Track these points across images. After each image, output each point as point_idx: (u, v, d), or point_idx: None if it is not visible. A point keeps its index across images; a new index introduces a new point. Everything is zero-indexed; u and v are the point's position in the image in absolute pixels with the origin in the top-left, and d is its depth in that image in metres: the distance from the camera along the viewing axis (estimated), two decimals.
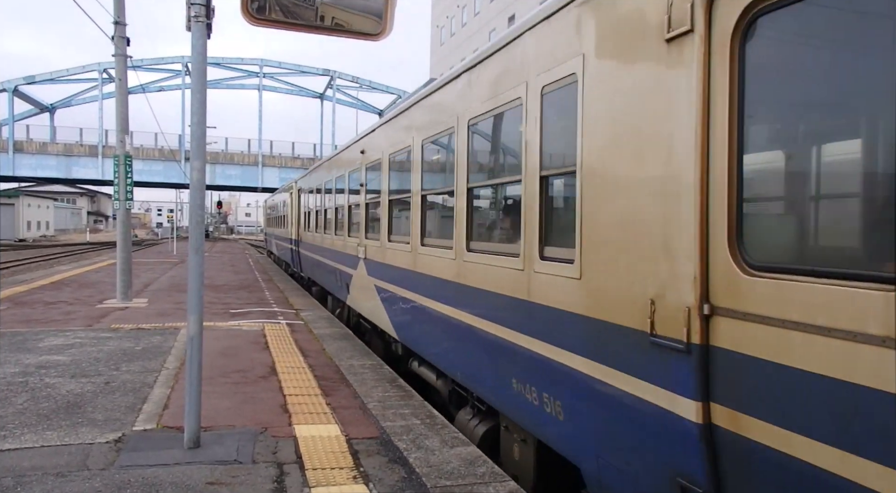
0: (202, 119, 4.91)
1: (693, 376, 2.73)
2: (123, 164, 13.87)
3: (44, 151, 55.72)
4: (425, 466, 4.63)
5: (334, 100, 62.36)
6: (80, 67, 57.40)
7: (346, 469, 4.57)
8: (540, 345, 4.12)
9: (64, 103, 61.00)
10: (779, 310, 2.37)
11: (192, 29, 4.79)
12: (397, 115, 8.04)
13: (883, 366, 2.01)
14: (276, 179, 59.35)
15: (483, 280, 5.05)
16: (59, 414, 5.70)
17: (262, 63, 61.83)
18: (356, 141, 10.87)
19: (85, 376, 7.10)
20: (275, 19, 4.71)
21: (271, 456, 4.80)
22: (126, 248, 14.08)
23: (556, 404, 3.93)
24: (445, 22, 62.61)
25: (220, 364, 7.79)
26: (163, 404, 6.07)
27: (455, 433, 5.41)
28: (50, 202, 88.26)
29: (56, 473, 4.38)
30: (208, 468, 4.51)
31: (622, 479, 3.36)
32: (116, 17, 13.95)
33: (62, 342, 9.01)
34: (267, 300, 14.66)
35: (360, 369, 7.74)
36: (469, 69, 5.50)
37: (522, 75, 4.44)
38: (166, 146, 54.60)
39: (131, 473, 4.41)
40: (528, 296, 4.29)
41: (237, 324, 10.99)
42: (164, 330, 10.23)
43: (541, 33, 4.22)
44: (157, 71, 59.51)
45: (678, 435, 2.84)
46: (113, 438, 5.12)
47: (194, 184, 4.96)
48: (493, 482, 4.37)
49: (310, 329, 10.62)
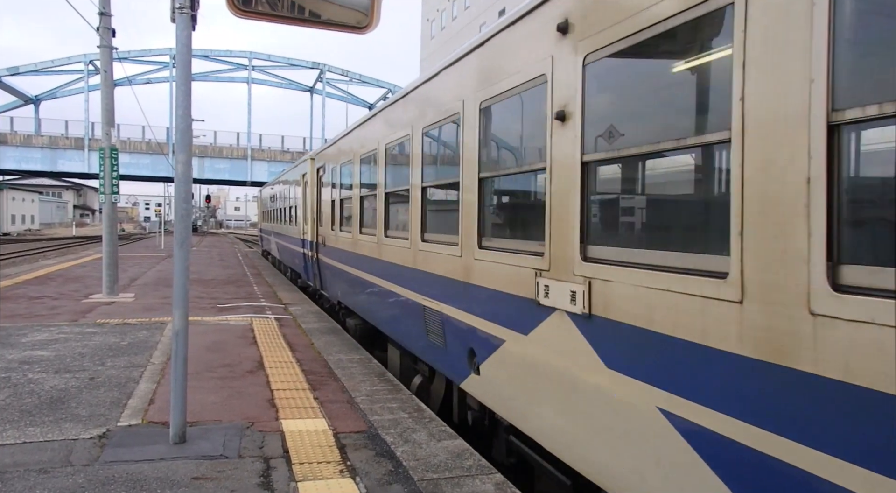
0: (187, 112, 4.86)
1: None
2: (109, 157, 13.74)
3: (28, 143, 55.06)
4: (412, 459, 4.63)
5: (324, 93, 62.01)
6: (66, 59, 56.70)
7: (333, 463, 4.56)
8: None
9: (49, 95, 60.27)
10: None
11: (177, 20, 4.74)
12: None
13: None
14: (265, 173, 58.98)
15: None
16: (42, 410, 5.65)
17: (252, 56, 61.34)
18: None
19: (69, 371, 7.03)
20: (261, 11, 4.67)
21: (258, 451, 4.78)
22: (112, 242, 13.97)
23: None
24: (436, 15, 62.43)
25: (207, 359, 7.75)
26: (148, 400, 6.03)
27: (443, 426, 5.41)
28: (35, 196, 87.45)
29: (39, 469, 4.34)
30: (194, 463, 4.49)
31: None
32: (102, 8, 13.80)
33: (46, 337, 8.92)
34: (255, 295, 14.59)
35: (349, 363, 7.72)
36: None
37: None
38: (154, 139, 54.14)
39: (115, 468, 4.38)
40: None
41: (225, 319, 10.93)
42: (150, 325, 10.16)
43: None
44: (145, 63, 58.91)
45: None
46: (97, 433, 5.08)
47: (179, 177, 4.92)
48: (479, 474, 4.37)
49: (298, 324, 10.59)
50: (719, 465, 2.60)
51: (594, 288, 3.44)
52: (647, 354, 3.03)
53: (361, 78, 62.75)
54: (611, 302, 3.32)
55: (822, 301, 2.18)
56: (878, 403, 1.99)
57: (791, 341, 2.30)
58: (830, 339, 2.16)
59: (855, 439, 2.07)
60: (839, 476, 2.11)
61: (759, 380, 2.42)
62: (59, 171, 58.15)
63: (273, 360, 7.81)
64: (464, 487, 4.16)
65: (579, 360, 3.56)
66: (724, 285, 2.58)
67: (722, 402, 2.58)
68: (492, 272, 4.75)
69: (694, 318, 2.74)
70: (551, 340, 3.87)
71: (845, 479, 2.09)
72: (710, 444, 2.64)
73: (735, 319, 2.53)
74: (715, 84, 2.84)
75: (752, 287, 2.46)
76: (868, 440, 2.04)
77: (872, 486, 2.01)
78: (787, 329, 2.32)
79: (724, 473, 2.57)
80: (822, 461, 2.17)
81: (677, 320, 2.84)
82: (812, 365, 2.21)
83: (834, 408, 2.14)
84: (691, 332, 2.76)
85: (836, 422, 2.13)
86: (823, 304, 2.18)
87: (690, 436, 2.75)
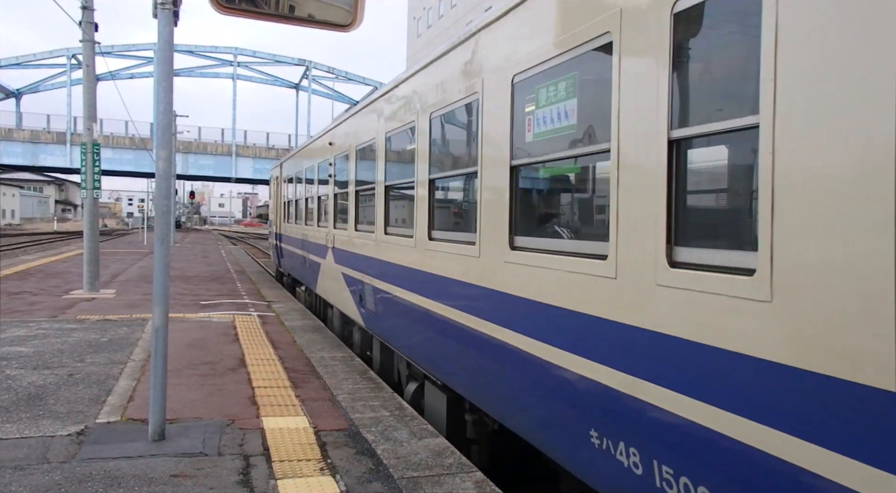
0: (168, 107, 4.84)
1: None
2: (90, 152, 13.60)
3: (9, 137, 54.28)
4: (393, 457, 4.64)
5: (310, 90, 61.76)
6: (48, 53, 56.08)
7: (314, 461, 4.56)
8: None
9: (31, 89, 59.56)
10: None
11: (159, 16, 4.72)
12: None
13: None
14: (250, 169, 58.69)
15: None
16: (19, 407, 5.59)
17: (237, 52, 61.01)
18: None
19: (48, 367, 6.97)
20: (244, 8, 4.65)
21: (238, 448, 4.77)
22: (93, 237, 13.84)
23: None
24: (422, 13, 62.32)
25: (188, 356, 7.71)
26: (128, 397, 5.99)
27: (424, 424, 5.42)
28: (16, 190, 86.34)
29: (14, 466, 4.30)
30: (173, 461, 4.47)
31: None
32: (84, 2, 13.65)
33: (25, 333, 8.83)
34: (238, 292, 14.52)
35: (331, 361, 7.71)
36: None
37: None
38: (137, 135, 53.62)
39: (93, 466, 4.35)
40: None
41: (207, 315, 10.87)
42: (131, 321, 10.08)
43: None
44: (128, 58, 58.42)
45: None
46: (75, 430, 5.04)
47: (160, 173, 4.90)
48: (460, 472, 4.39)
49: (281, 321, 10.55)
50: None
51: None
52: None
53: (347, 75, 62.59)
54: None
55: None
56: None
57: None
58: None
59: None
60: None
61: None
62: (41, 165, 57.43)
63: (255, 357, 7.79)
64: (444, 485, 4.18)
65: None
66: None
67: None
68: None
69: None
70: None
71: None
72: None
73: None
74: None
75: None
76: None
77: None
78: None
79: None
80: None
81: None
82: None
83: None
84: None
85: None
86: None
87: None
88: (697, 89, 2.92)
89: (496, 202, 4.45)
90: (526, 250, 4.08)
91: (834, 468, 2.07)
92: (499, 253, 4.38)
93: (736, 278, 2.49)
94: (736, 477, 2.47)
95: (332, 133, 10.62)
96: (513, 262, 4.20)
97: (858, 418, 2.03)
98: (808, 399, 2.19)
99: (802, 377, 2.19)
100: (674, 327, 2.78)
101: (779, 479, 2.27)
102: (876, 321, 1.97)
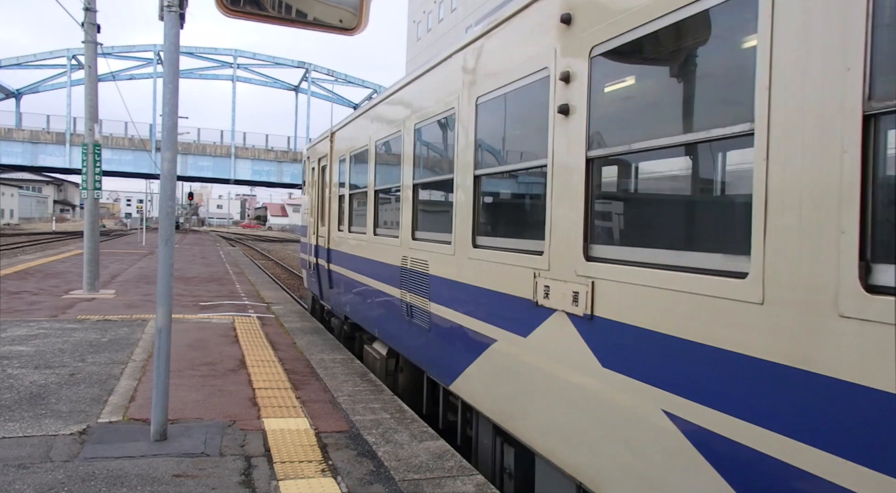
0: (174, 109, 4.86)
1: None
2: (91, 152, 13.62)
3: (9, 137, 54.24)
4: (394, 459, 4.67)
5: (309, 93, 61.80)
6: (49, 53, 56.03)
7: (315, 463, 4.58)
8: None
9: (31, 89, 59.50)
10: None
11: (165, 18, 4.74)
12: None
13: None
14: (248, 171, 58.73)
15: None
16: (21, 406, 5.61)
17: (237, 54, 61.06)
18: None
19: (49, 367, 6.98)
20: (249, 11, 4.68)
21: (239, 449, 4.79)
22: (93, 237, 13.85)
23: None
24: (422, 17, 62.45)
25: (188, 357, 7.72)
26: (129, 397, 6.01)
27: (424, 427, 5.45)
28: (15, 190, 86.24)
29: (18, 465, 4.31)
30: (175, 461, 4.49)
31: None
32: (87, 4, 13.68)
33: (26, 333, 8.84)
34: (238, 293, 14.53)
35: (331, 363, 7.73)
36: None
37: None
38: (137, 135, 53.60)
39: (96, 465, 4.36)
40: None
41: (207, 317, 10.88)
42: (131, 321, 10.09)
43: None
44: (129, 59, 58.40)
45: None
46: (77, 430, 5.05)
47: (165, 174, 4.91)
48: (461, 475, 4.42)
49: (280, 323, 10.57)
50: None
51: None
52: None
53: (347, 78, 62.63)
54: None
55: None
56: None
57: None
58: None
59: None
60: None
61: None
62: (40, 165, 57.38)
63: (255, 359, 7.81)
64: (445, 487, 4.21)
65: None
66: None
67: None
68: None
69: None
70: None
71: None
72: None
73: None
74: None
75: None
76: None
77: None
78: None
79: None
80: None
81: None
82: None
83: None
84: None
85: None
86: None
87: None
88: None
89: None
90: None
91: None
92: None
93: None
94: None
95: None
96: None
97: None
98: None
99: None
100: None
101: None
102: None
